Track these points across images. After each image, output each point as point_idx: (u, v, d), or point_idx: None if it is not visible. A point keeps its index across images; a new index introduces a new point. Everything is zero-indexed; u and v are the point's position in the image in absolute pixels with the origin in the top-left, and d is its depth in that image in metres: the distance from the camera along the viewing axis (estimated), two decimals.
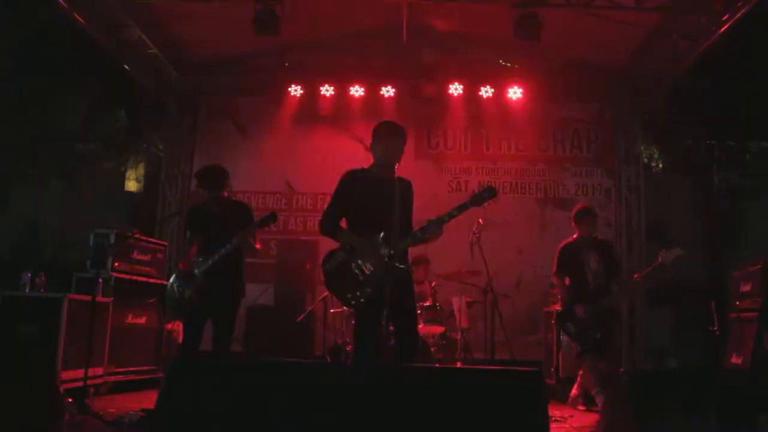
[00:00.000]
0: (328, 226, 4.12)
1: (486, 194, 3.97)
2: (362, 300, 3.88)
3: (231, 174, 8.87)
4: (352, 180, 4.17)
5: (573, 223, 6.12)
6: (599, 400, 5.55)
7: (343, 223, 4.19)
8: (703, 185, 12.93)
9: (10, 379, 3.68)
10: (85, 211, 11.75)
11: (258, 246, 5.14)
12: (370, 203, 4.05)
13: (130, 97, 12.44)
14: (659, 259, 5.61)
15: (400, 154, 4.15)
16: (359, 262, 3.93)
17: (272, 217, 4.90)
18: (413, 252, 5.62)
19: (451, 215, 3.95)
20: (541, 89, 8.98)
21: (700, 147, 13.57)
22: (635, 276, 6.11)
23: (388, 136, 4.15)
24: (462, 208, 3.95)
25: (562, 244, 6.11)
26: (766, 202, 12.18)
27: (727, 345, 6.16)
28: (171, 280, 5.16)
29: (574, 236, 6.09)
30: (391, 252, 3.88)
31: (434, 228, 3.94)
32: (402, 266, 4.00)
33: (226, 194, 5.27)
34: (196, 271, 4.91)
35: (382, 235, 3.92)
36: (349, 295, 3.92)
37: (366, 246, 3.94)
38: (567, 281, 6.05)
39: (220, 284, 4.92)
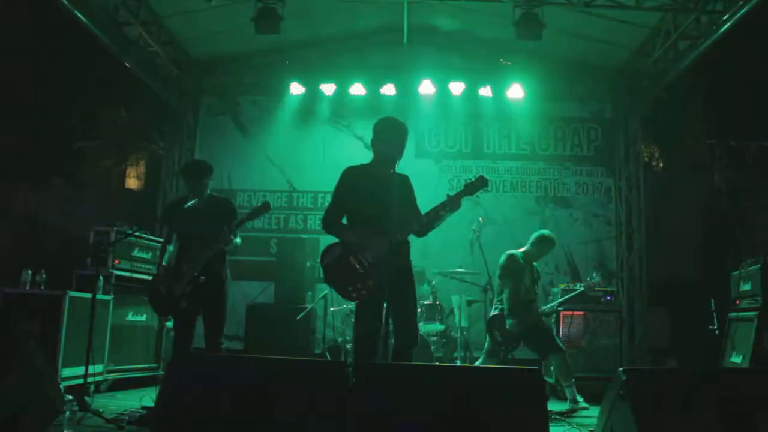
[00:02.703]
0: (329, 223, 4.17)
1: (479, 184, 4.06)
2: (363, 292, 3.92)
3: (231, 172, 9.06)
4: (350, 176, 4.22)
5: (533, 243, 6.17)
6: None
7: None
8: (703, 184, 12.92)
9: (9, 376, 3.68)
10: (86, 209, 11.76)
11: (238, 242, 4.96)
12: (368, 197, 4.10)
13: (131, 94, 12.44)
14: (584, 288, 6.25)
15: (401, 150, 4.18)
16: (358, 255, 3.98)
17: (264, 207, 4.71)
18: None
19: (444, 206, 4.01)
20: (542, 88, 8.99)
21: (701, 146, 13.57)
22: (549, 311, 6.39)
23: (387, 131, 4.18)
24: (457, 197, 4.01)
25: (511, 254, 6.11)
26: (765, 201, 12.18)
27: (727, 344, 6.17)
28: (155, 278, 5.08)
29: (521, 250, 6.16)
30: (390, 243, 3.95)
31: (434, 215, 4.02)
32: (402, 257, 4.08)
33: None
34: (186, 268, 4.78)
35: (380, 227, 3.98)
36: (350, 288, 3.95)
37: (365, 239, 3.99)
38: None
39: (207, 279, 4.79)
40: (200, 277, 4.74)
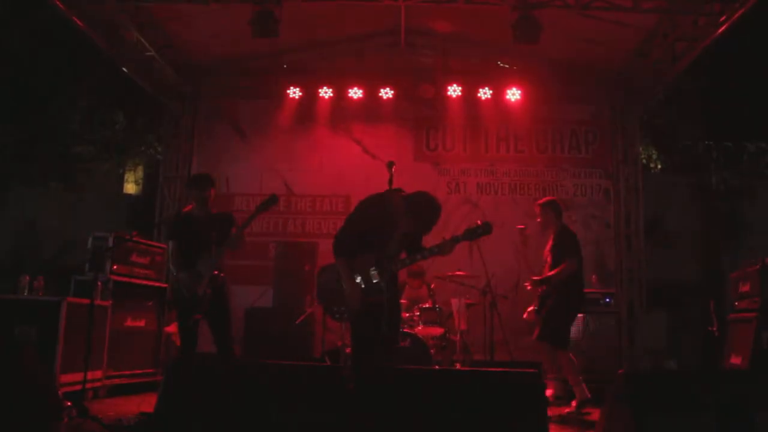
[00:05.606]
0: (341, 250, 4.29)
1: (480, 230, 4.17)
2: (346, 315, 4.33)
3: (229, 176, 9.05)
4: (373, 207, 4.36)
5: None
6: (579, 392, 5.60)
7: None
8: (701, 186, 12.93)
9: (8, 382, 3.67)
10: (84, 214, 11.74)
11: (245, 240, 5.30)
12: (379, 231, 4.29)
13: (129, 99, 12.44)
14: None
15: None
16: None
17: (272, 200, 4.93)
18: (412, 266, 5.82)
19: (440, 249, 4.29)
20: (540, 90, 8.98)
21: (698, 147, 13.60)
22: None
23: (434, 212, 4.29)
24: (453, 242, 4.23)
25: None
26: (763, 202, 12.19)
27: (726, 345, 6.17)
28: (175, 285, 5.17)
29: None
30: (374, 282, 4.24)
31: (422, 256, 4.42)
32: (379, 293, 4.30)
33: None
34: (203, 269, 4.97)
35: (370, 267, 4.30)
36: (335, 308, 4.37)
37: (356, 275, 4.26)
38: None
39: (217, 282, 5.05)
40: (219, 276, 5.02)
